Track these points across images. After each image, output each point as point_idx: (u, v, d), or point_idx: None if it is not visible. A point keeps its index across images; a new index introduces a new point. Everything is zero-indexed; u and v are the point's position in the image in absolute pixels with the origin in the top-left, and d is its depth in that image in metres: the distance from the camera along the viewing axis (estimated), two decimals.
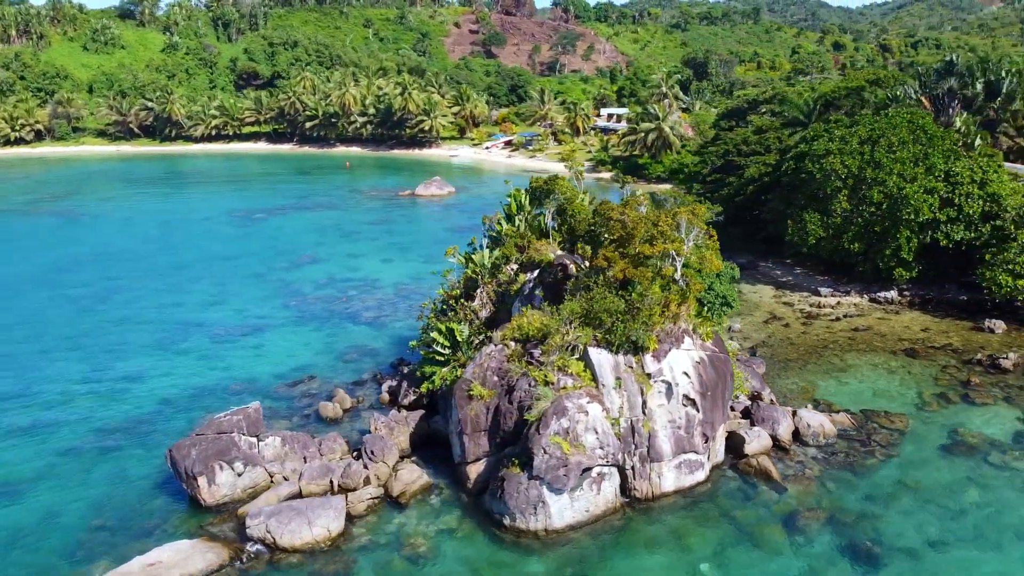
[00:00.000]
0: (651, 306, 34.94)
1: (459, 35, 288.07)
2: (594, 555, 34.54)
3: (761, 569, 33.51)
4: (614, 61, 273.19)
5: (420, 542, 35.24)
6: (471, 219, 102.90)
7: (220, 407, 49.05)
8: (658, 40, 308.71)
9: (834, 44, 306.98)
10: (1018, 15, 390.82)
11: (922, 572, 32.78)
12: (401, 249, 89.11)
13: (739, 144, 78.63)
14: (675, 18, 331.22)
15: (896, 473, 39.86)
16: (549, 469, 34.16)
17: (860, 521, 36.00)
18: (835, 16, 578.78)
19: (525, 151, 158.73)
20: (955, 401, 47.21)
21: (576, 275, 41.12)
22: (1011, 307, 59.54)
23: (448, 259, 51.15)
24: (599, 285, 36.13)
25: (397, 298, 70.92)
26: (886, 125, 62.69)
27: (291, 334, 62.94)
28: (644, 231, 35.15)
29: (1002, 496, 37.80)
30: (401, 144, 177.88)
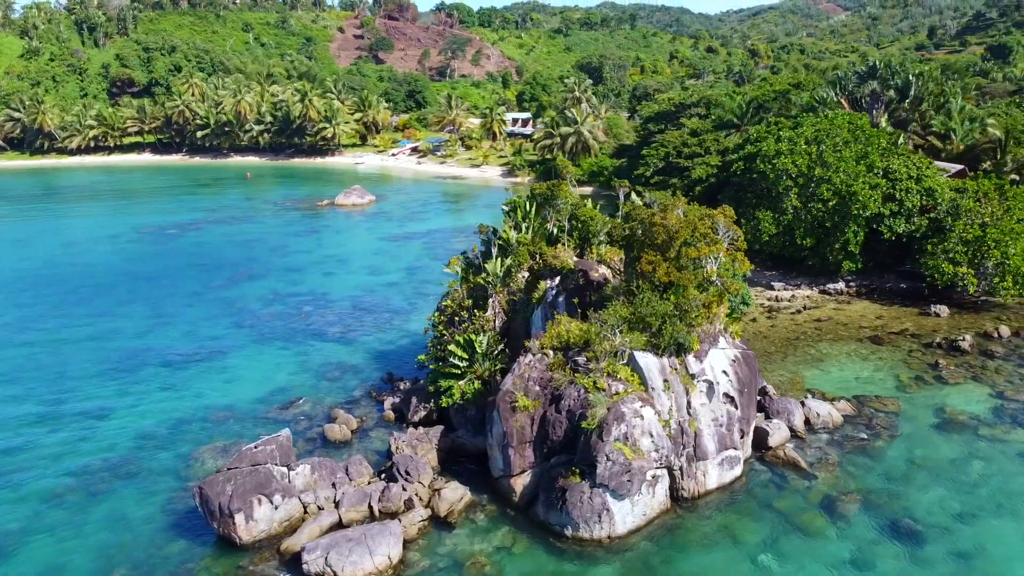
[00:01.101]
0: (697, 307, 35.60)
1: (344, 40, 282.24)
2: (656, 558, 34.82)
3: (814, 555, 34.77)
4: (503, 66, 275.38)
5: (482, 561, 34.40)
6: (402, 227, 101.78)
7: (206, 439, 46.40)
8: (542, 45, 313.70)
9: (707, 48, 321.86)
10: (864, 23, 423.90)
11: (962, 544, 34.97)
12: (340, 262, 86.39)
13: (679, 146, 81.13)
14: (557, 24, 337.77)
15: (904, 453, 42.35)
16: (613, 476, 34.15)
17: (891, 501, 38.04)
18: (697, 22, 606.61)
19: (434, 157, 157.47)
20: (931, 382, 50.66)
21: (597, 281, 41.32)
22: (946, 293, 64.29)
23: (445, 271, 50.16)
24: (644, 289, 36.43)
25: (357, 312, 68.72)
26: (829, 126, 66.46)
27: (257, 355, 59.81)
28: (687, 234, 35.79)
29: (1002, 467, 40.89)
30: (301, 153, 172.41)
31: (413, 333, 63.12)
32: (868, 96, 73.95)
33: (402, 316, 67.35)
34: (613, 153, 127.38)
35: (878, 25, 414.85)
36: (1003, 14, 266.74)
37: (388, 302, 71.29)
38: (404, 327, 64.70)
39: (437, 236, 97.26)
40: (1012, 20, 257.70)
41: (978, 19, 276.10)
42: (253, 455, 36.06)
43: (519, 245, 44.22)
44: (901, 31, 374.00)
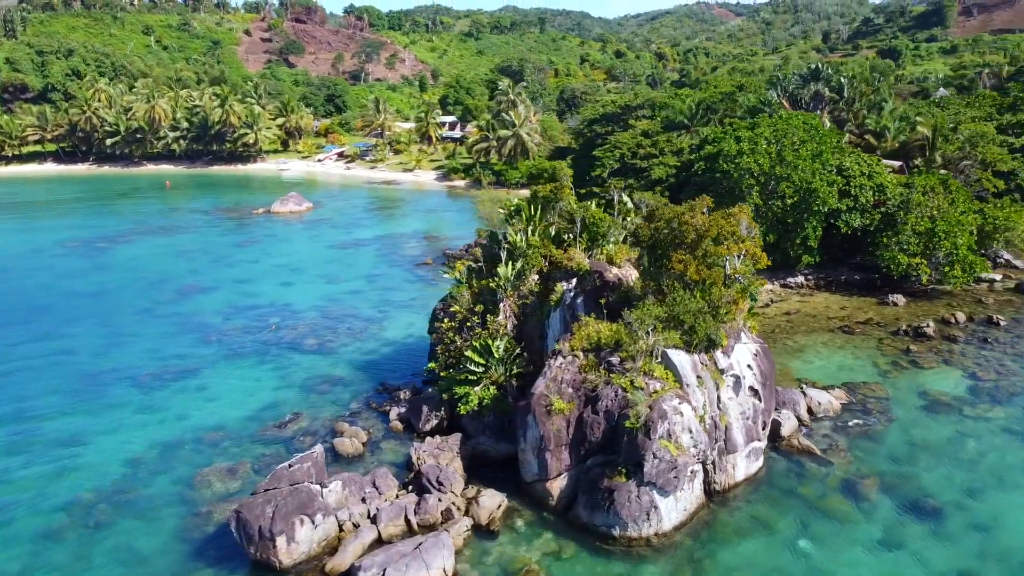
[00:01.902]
0: (727, 304, 36.45)
1: (252, 43, 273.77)
2: (700, 552, 35.42)
3: (847, 538, 36.15)
4: (417, 70, 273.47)
5: (534, 569, 34.14)
6: (348, 234, 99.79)
7: (205, 461, 44.28)
8: (454, 49, 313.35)
9: (616, 52, 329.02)
10: (758, 27, 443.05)
11: (978, 517, 37.10)
12: (293, 271, 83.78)
13: (633, 148, 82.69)
14: (468, 27, 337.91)
15: (903, 436, 44.57)
16: (660, 473, 34.52)
17: (904, 482, 39.97)
18: (598, 26, 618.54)
19: (363, 162, 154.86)
20: (907, 367, 53.48)
21: (613, 281, 41.69)
22: (898, 283, 67.90)
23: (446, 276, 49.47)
24: (676, 288, 36.99)
25: (328, 321, 66.83)
26: (786, 126, 69.16)
27: (233, 372, 57.37)
28: (715, 233, 36.58)
29: (993, 443, 43.58)
30: (220, 160, 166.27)
31: (392, 341, 62.02)
32: (811, 97, 77.51)
33: (376, 324, 65.94)
34: (549, 155, 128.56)
35: (771, 30, 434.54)
36: (889, 20, 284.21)
37: (357, 311, 69.64)
38: (381, 335, 63.39)
39: (388, 242, 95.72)
40: (898, 25, 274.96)
41: (867, 24, 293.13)
42: (291, 474, 34.59)
43: (530, 248, 44.04)
44: (793, 36, 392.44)
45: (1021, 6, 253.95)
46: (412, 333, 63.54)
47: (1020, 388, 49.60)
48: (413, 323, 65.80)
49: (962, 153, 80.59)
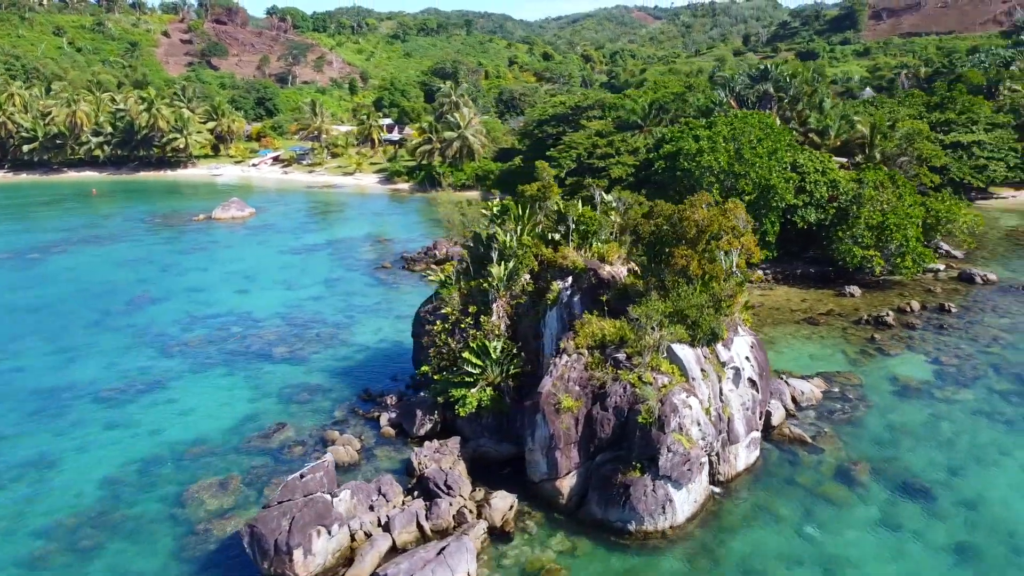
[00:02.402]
0: (729, 298, 37.24)
1: (171, 45, 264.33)
2: (713, 542, 36.06)
3: (848, 522, 37.40)
4: (346, 72, 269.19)
5: (555, 567, 34.12)
6: (298, 239, 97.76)
7: (190, 478, 42.70)
8: (381, 51, 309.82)
9: (543, 55, 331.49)
10: (679, 30, 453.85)
11: (964, 494, 38.92)
12: (247, 278, 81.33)
13: (589, 147, 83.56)
14: (394, 29, 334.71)
15: (882, 420, 46.37)
16: (675, 467, 34.99)
17: (891, 465, 41.60)
18: (520, 28, 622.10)
19: (301, 166, 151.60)
20: (874, 355, 55.67)
21: (607, 279, 42.03)
22: (852, 275, 70.57)
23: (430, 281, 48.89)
24: (681, 283, 37.55)
25: (294, 329, 65.16)
26: (742, 125, 71.06)
27: (202, 384, 55.37)
28: (716, 228, 37.31)
29: (965, 425, 45.78)
30: (148, 166, 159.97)
31: (365, 347, 60.95)
32: (758, 97, 79.94)
33: (345, 330, 64.67)
34: (494, 157, 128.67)
35: (691, 32, 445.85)
36: (805, 23, 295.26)
37: (322, 317, 68.14)
38: (352, 341, 62.22)
39: (340, 246, 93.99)
40: (814, 29, 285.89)
41: (784, 28, 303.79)
42: (304, 485, 33.57)
43: (523, 248, 43.98)
44: (712, 39, 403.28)
45: (926, 11, 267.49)
46: (384, 338, 62.63)
47: (981, 371, 52.22)
48: (382, 328, 64.91)
49: (900, 150, 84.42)
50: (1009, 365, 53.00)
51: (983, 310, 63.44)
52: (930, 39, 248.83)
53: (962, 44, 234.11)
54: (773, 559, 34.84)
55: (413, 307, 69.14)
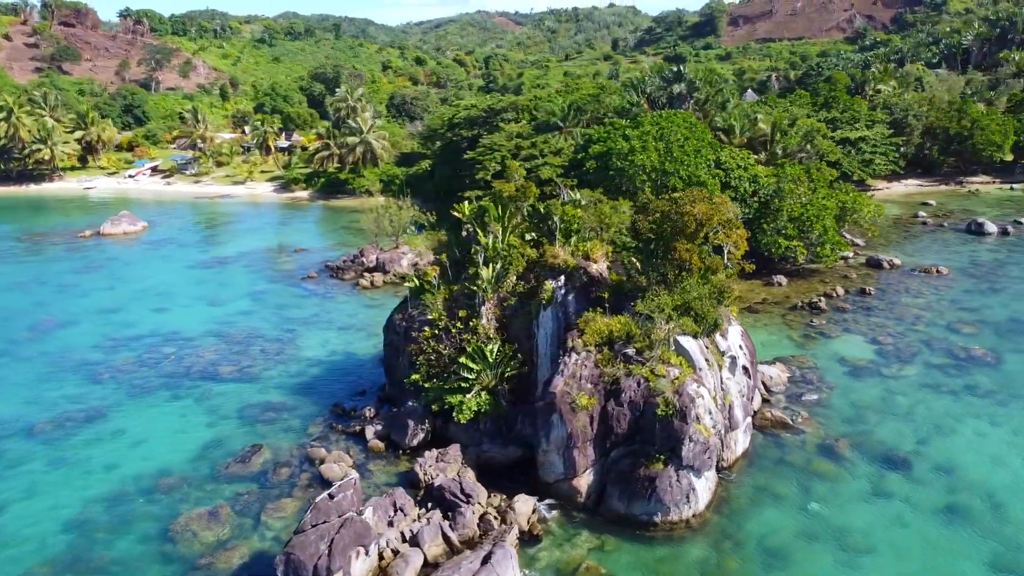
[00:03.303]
0: (731, 289, 38.51)
1: (15, 49, 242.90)
2: (729, 526, 37.19)
3: (844, 495, 39.55)
4: (213, 78, 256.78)
5: (592, 566, 34.09)
6: (204, 253, 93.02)
7: (171, 512, 39.91)
8: (248, 55, 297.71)
9: (416, 59, 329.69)
10: (544, 36, 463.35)
11: (937, 460, 42.08)
12: (162, 295, 75.99)
13: (512, 149, 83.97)
14: (260, 33, 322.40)
15: (846, 399, 49.27)
16: (696, 456, 35.79)
17: (867, 439, 44.33)
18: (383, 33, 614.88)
19: (184, 176, 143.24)
20: (817, 338, 59.06)
21: (596, 277, 42.43)
22: (775, 265, 74.39)
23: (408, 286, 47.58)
24: (685, 277, 38.40)
25: (234, 346, 61.57)
26: (668, 124, 73.54)
27: (148, 410, 51.41)
28: (716, 222, 38.41)
29: (917, 397, 49.45)
30: (8, 180, 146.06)
31: (317, 360, 58.48)
32: (669, 97, 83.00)
33: (289, 344, 61.77)
34: (396, 161, 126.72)
35: (557, 38, 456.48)
36: (669, 29, 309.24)
37: (260, 332, 64.74)
38: (301, 356, 59.52)
39: (254, 258, 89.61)
40: (677, 34, 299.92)
41: (650, 33, 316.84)
42: (336, 505, 31.78)
43: (510, 249, 43.58)
44: (578, 43, 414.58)
45: (778, 18, 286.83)
46: (334, 350, 60.34)
47: (915, 348, 56.50)
48: (329, 340, 62.52)
49: (799, 146, 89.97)
50: (936, 341, 57.62)
51: (898, 292, 68.67)
52: (784, 44, 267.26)
53: (812, 49, 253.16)
54: (789, 537, 36.29)
55: (354, 317, 67.88)
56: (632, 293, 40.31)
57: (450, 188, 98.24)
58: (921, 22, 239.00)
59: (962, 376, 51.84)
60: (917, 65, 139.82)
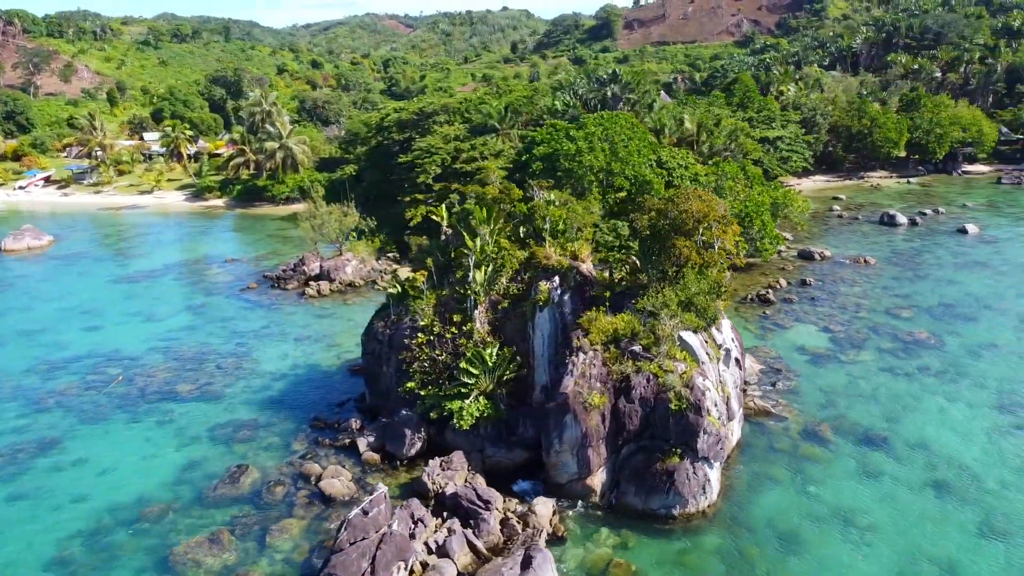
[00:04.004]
0: (729, 283, 39.60)
1: None
2: (739, 513, 38.26)
3: (837, 475, 41.42)
4: (97, 82, 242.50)
5: (621, 563, 34.32)
6: (124, 267, 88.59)
7: (162, 543, 37.89)
8: (133, 59, 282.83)
9: (311, 62, 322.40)
10: (439, 38, 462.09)
11: (910, 437, 44.60)
12: (90, 313, 71.24)
13: (452, 152, 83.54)
14: (144, 35, 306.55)
15: (814, 386, 51.55)
16: (710, 447, 36.64)
17: (843, 422, 46.53)
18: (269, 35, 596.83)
19: (82, 186, 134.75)
20: (773, 330, 61.51)
21: (588, 276, 42.80)
22: None
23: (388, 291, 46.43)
24: (686, 273, 39.16)
25: (187, 363, 58.45)
26: (612, 125, 74.82)
27: (110, 435, 48.26)
28: (712, 219, 39.37)
29: (879, 381, 52.24)
30: None
31: (280, 374, 56.33)
32: (601, 99, 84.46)
33: (246, 359, 59.17)
34: (316, 167, 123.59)
35: (452, 41, 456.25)
36: (567, 32, 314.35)
37: (210, 347, 61.72)
38: (262, 370, 57.16)
39: (184, 270, 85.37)
40: (575, 37, 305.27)
41: (548, 36, 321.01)
42: (373, 521, 30.66)
43: (501, 251, 43.24)
44: (474, 46, 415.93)
45: (671, 22, 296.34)
46: (296, 363, 58.25)
47: (864, 335, 59.69)
48: (287, 353, 60.32)
49: (724, 145, 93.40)
50: (881, 327, 61.10)
51: (835, 282, 72.41)
52: (678, 47, 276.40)
53: (705, 52, 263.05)
54: (796, 519, 37.66)
55: (308, 328, 65.73)
56: (632, 291, 40.83)
57: (382, 192, 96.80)
58: (804, 27, 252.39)
59: (912, 359, 55.17)
60: (814, 67, 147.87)
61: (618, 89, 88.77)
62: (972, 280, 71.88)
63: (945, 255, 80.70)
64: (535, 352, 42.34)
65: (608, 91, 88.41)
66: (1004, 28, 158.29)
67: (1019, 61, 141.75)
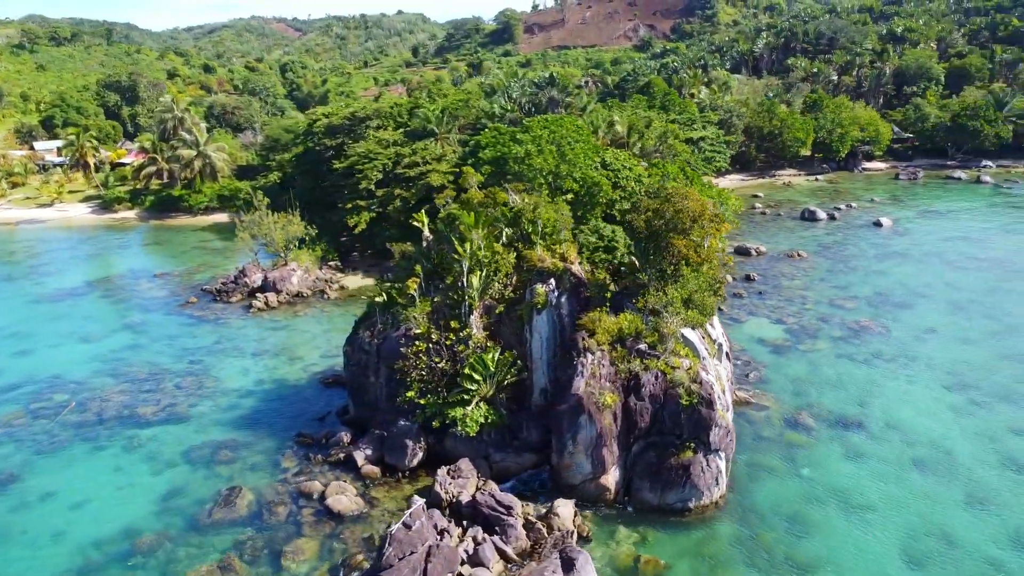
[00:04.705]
0: (724, 279, 40.87)
1: None
2: (744, 502, 39.56)
3: (823, 460, 43.41)
4: None
5: (648, 559, 34.85)
6: (41, 285, 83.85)
7: (163, 572, 35.10)
8: (7, 62, 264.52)
9: (204, 67, 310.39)
10: (334, 42, 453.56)
11: (886, 419, 47.20)
12: (15, 336, 66.02)
13: (393, 157, 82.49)
14: (15, 37, 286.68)
15: (781, 375, 53.81)
16: (721, 439, 37.72)
17: (819, 409, 48.82)
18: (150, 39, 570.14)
19: None
20: (730, 324, 63.51)
21: (580, 277, 43.25)
22: None
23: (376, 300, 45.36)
24: (686, 271, 40.08)
25: (143, 384, 55.26)
26: (558, 128, 75.67)
27: (75, 466, 45.18)
28: (708, 217, 40.42)
29: (840, 369, 54.93)
30: None
31: (246, 391, 54.15)
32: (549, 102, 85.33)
33: (206, 376, 56.48)
34: (235, 175, 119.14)
35: (347, 44, 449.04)
36: (467, 36, 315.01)
37: (163, 366, 58.50)
38: (225, 387, 54.71)
39: (110, 287, 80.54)
40: (476, 42, 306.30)
41: (449, 40, 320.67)
42: (418, 534, 29.88)
43: (495, 255, 42.98)
44: (370, 50, 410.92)
45: (570, 26, 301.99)
46: (260, 379, 56.07)
47: (816, 325, 62.75)
48: (248, 369, 58.00)
49: (655, 147, 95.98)
50: (829, 317, 64.37)
51: (776, 276, 75.74)
52: (579, 51, 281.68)
53: (606, 56, 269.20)
54: (798, 503, 39.27)
55: (264, 342, 63.45)
56: (631, 291, 41.49)
57: (315, 200, 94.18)
58: (698, 32, 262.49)
59: (865, 345, 58.40)
60: (722, 71, 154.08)
61: (555, 92, 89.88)
62: (898, 270, 76.72)
63: (867, 247, 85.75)
64: (533, 355, 42.38)
65: (545, 95, 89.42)
66: (889, 34, 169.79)
67: (904, 65, 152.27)
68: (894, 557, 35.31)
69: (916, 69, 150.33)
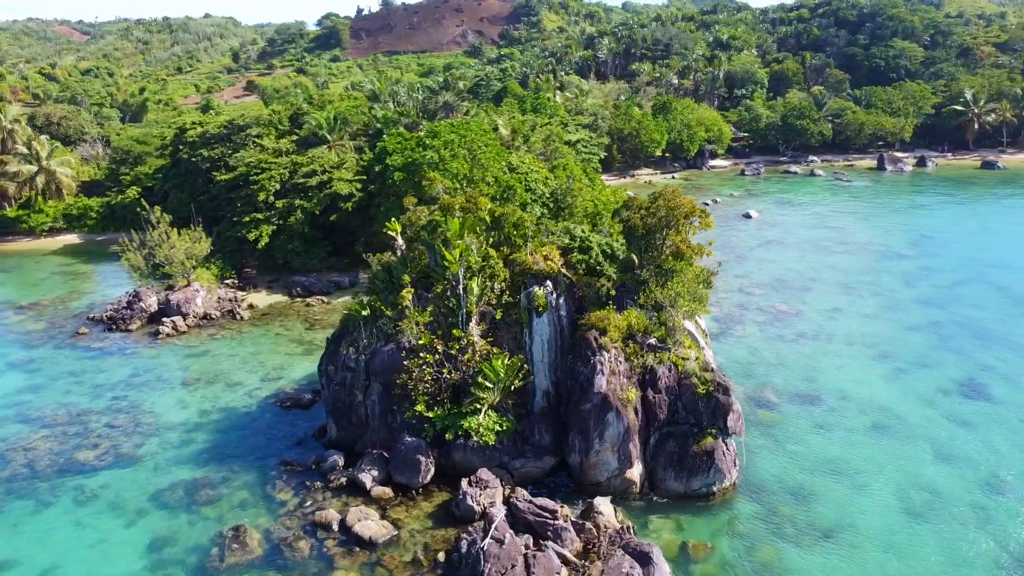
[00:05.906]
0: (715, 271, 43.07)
1: None
2: (751, 479, 41.78)
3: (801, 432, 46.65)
4: None
5: (695, 544, 36.02)
6: None
7: None
8: None
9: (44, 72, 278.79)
10: (137, 48, 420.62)
11: (834, 391, 51.53)
12: None
13: (289, 167, 78.84)
14: None
15: (730, 359, 56.94)
16: (736, 423, 39.66)
17: (774, 387, 52.57)
18: None
19: None
20: None
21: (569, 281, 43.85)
22: None
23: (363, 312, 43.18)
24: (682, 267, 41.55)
25: (70, 427, 49.12)
26: (467, 132, 75.61)
27: (26, 529, 39.52)
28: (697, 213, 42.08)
29: (775, 348, 59.27)
30: None
31: (195, 424, 49.91)
32: (440, 107, 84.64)
33: (141, 413, 51.13)
34: (81, 191, 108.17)
35: (151, 49, 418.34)
36: (291, 41, 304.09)
37: (81, 406, 52.15)
38: (169, 422, 49.94)
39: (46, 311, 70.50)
40: (302, 47, 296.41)
41: (272, 45, 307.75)
42: (512, 546, 28.91)
43: (487, 260, 42.32)
44: (178, 55, 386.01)
45: (399, 31, 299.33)
46: (204, 409, 51.72)
47: (738, 312, 67.22)
48: (185, 400, 53.32)
49: (541, 150, 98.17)
50: (746, 304, 69.14)
51: None
52: (409, 57, 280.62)
53: (438, 62, 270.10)
54: (798, 475, 42.10)
55: (190, 370, 59.27)
56: (628, 288, 42.49)
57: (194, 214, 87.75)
58: (526, 39, 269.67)
59: (788, 327, 63.27)
60: (573, 75, 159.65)
61: (450, 97, 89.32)
62: (784, 258, 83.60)
63: (747, 237, 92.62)
64: (533, 359, 42.27)
65: (439, 99, 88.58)
66: (716, 41, 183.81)
67: (733, 69, 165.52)
68: (896, 512, 38.77)
69: (743, 73, 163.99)
